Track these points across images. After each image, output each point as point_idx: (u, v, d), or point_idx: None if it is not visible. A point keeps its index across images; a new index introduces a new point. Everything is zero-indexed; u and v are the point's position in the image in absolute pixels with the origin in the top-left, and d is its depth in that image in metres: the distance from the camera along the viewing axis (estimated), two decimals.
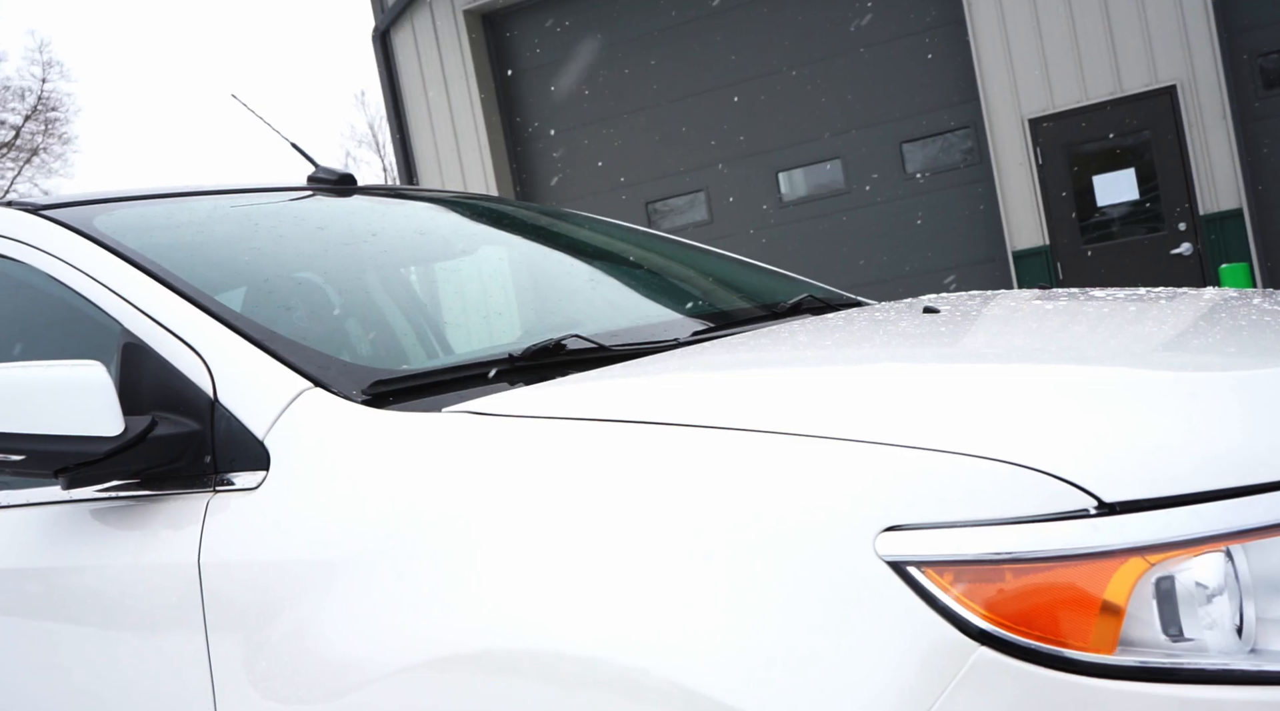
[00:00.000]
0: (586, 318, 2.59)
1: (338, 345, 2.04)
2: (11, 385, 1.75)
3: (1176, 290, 2.37)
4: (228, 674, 1.65)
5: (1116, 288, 2.61)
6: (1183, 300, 2.04)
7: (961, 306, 2.05)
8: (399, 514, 1.54)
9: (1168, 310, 1.88)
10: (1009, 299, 2.16)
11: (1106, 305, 1.96)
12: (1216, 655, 1.22)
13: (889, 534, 1.26)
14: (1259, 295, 2.04)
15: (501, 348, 2.02)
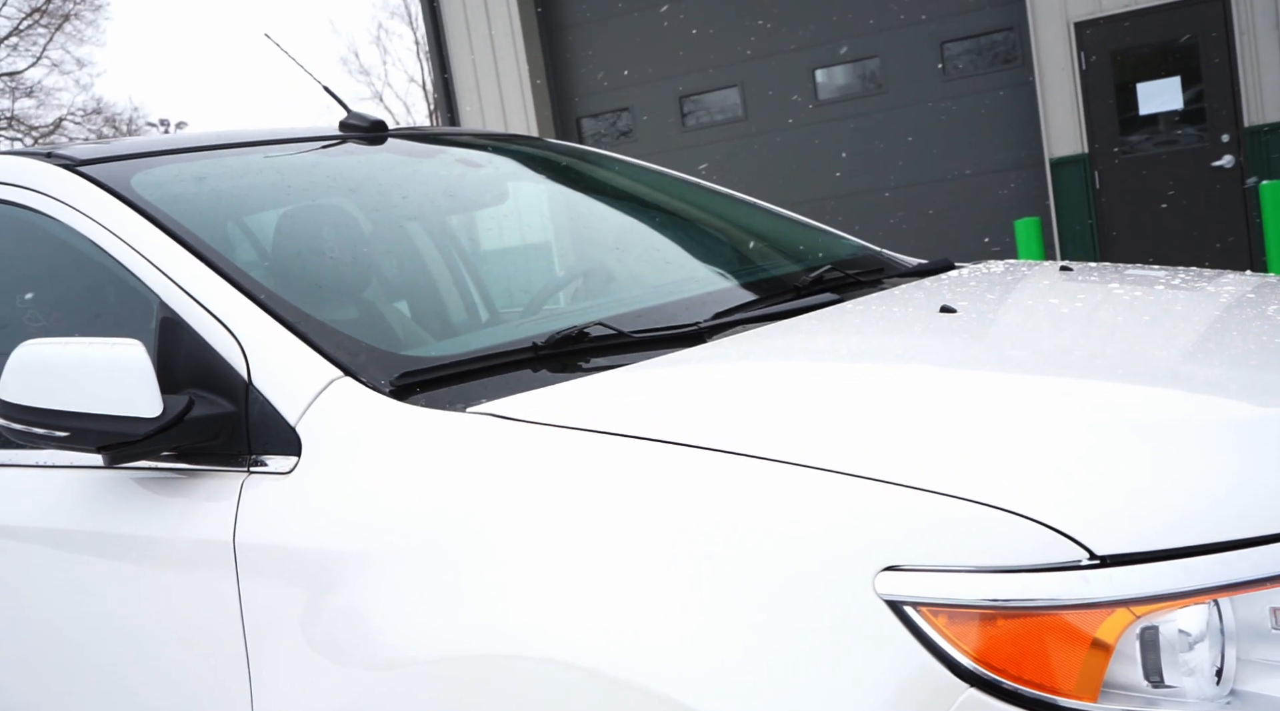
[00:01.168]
0: (619, 275, 2.64)
1: (371, 319, 2.10)
2: (55, 362, 1.82)
3: (1207, 278, 2.38)
4: (261, 649, 1.75)
5: (1144, 268, 2.62)
6: (1208, 300, 2.06)
7: (978, 304, 2.08)
8: (421, 514, 1.62)
9: (1188, 317, 1.91)
10: (1026, 294, 2.19)
11: (1124, 306, 1.99)
12: (1194, 702, 1.28)
13: (888, 573, 1.32)
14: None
15: (529, 320, 2.08)
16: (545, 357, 1.90)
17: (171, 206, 2.15)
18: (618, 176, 3.13)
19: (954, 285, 2.29)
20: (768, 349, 1.87)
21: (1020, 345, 1.83)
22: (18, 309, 2.37)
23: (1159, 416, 1.50)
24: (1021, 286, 2.24)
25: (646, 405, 1.65)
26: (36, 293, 2.33)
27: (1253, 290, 2.13)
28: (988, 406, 1.55)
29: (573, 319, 2.08)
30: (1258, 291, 2.12)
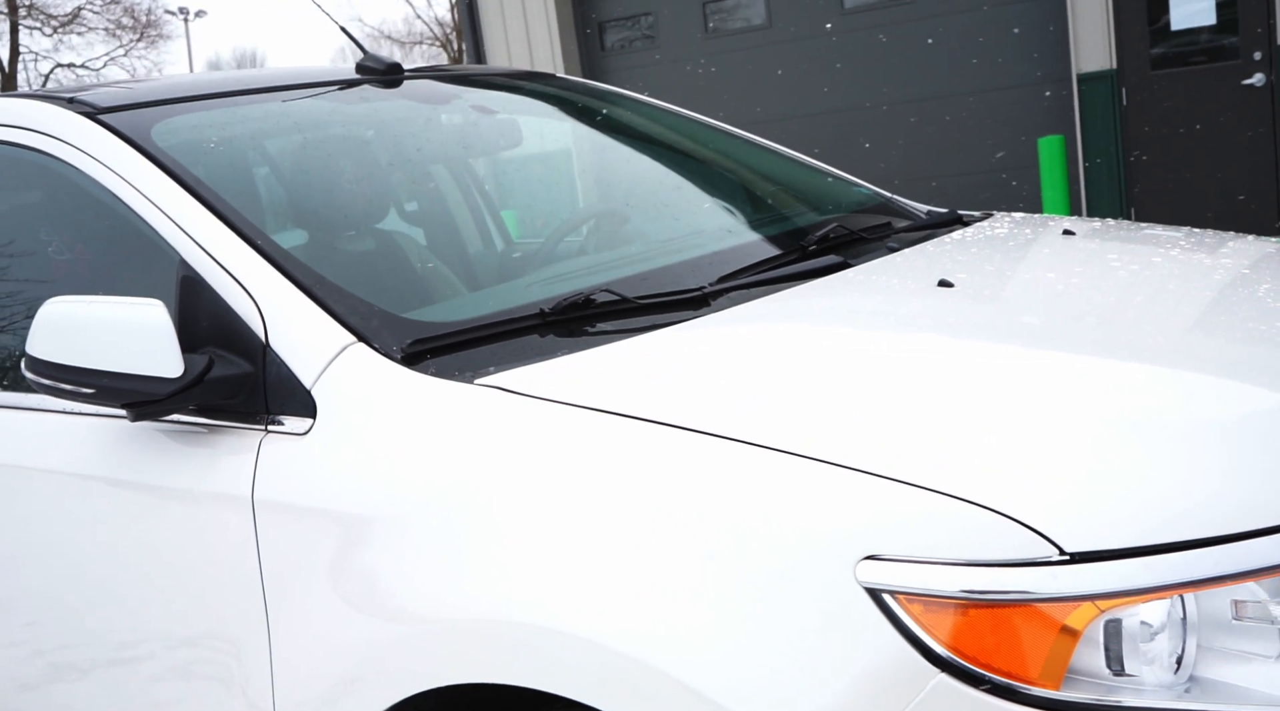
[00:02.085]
0: (630, 223, 2.68)
1: (385, 279, 2.16)
2: (81, 321, 1.89)
3: (1209, 246, 2.41)
4: (277, 595, 1.85)
5: (1148, 231, 2.65)
6: (1204, 277, 2.09)
7: (975, 277, 2.12)
8: (427, 483, 1.70)
9: (1179, 302, 1.95)
10: (1023, 266, 2.22)
11: (1118, 285, 2.03)
12: (1152, 689, 1.36)
13: (869, 562, 1.40)
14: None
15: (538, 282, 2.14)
16: (552, 323, 1.96)
17: (191, 160, 2.20)
18: (633, 117, 3.16)
19: (955, 251, 2.33)
20: (765, 328, 1.92)
21: (1010, 330, 1.88)
22: (39, 255, 2.43)
23: (1133, 417, 1.55)
24: (1020, 257, 2.28)
25: (642, 384, 1.71)
26: (56, 240, 2.39)
27: (1255, 263, 2.17)
28: (972, 399, 1.61)
29: (581, 280, 2.14)
30: (1258, 266, 2.16)
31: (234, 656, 1.90)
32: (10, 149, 2.39)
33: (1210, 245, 2.41)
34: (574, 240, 2.85)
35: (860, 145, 10.33)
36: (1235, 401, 1.61)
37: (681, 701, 1.44)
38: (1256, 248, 2.35)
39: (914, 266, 2.19)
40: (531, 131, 2.91)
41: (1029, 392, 1.62)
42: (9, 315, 2.43)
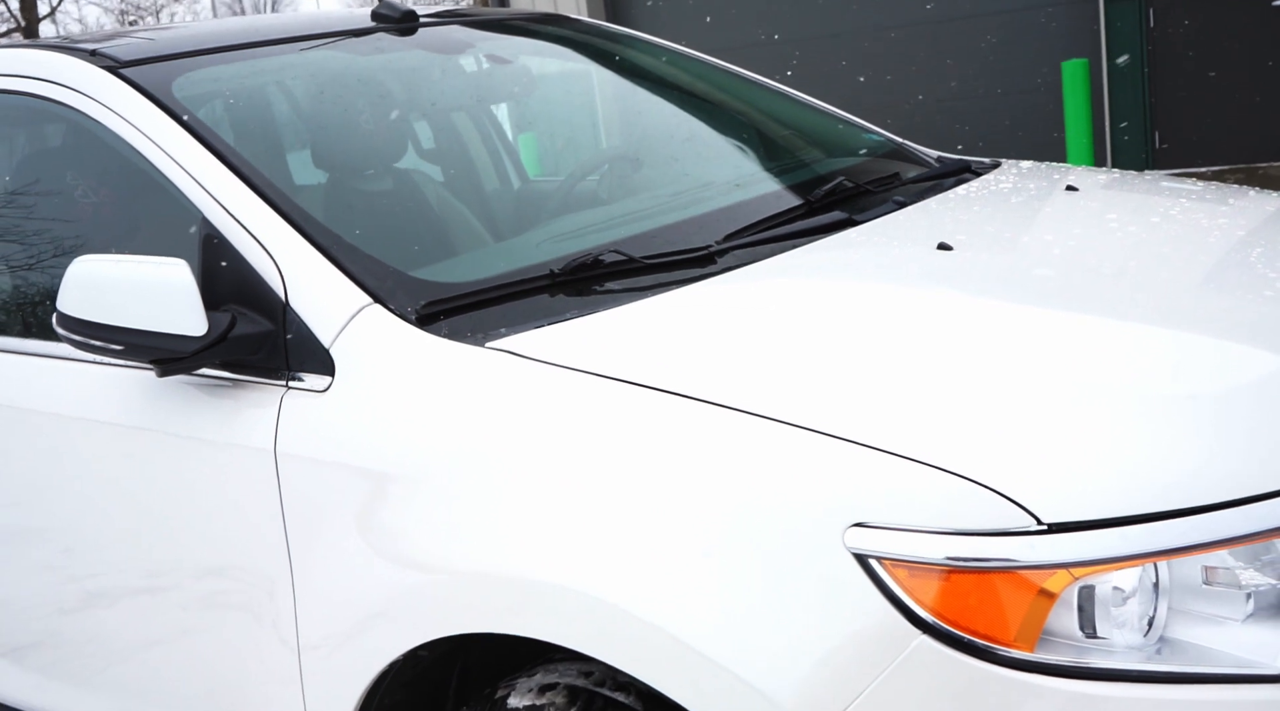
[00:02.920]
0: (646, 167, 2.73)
1: (400, 237, 2.22)
2: (108, 280, 1.97)
3: (1214, 201, 2.44)
4: (300, 540, 1.94)
5: (1155, 184, 2.67)
6: (1205, 238, 2.13)
7: (975, 239, 2.17)
8: (439, 443, 1.78)
9: (1175, 267, 2.00)
10: (1023, 227, 2.26)
11: (1116, 248, 2.08)
12: (1123, 651, 1.44)
13: (856, 529, 1.47)
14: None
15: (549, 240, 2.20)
16: (562, 284, 2.02)
17: (212, 116, 2.26)
18: (648, 60, 3.18)
19: (958, 209, 2.37)
20: (763, 295, 1.98)
21: (1002, 298, 1.93)
22: (63, 204, 2.50)
23: (1116, 388, 1.61)
24: (1020, 218, 2.32)
25: (643, 351, 1.79)
26: (78, 192, 2.46)
27: (1263, 221, 2.20)
28: (960, 368, 1.67)
29: (591, 237, 2.20)
30: (1266, 225, 2.19)
31: (260, 589, 2.00)
32: (33, 101, 2.45)
33: (1216, 202, 2.45)
34: (588, 184, 2.90)
35: (882, 68, 10.23)
36: (1216, 373, 1.67)
37: (673, 654, 1.53)
38: (1265, 204, 2.38)
39: (915, 226, 2.24)
40: (545, 77, 2.95)
41: (1016, 362, 1.68)
42: (38, 263, 2.51)
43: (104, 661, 2.41)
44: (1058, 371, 1.66)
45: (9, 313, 2.55)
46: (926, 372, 1.66)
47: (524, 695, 1.75)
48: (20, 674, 2.62)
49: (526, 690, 1.76)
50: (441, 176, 2.77)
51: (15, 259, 2.55)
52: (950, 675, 1.43)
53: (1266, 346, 1.74)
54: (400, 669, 1.87)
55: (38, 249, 2.50)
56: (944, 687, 1.43)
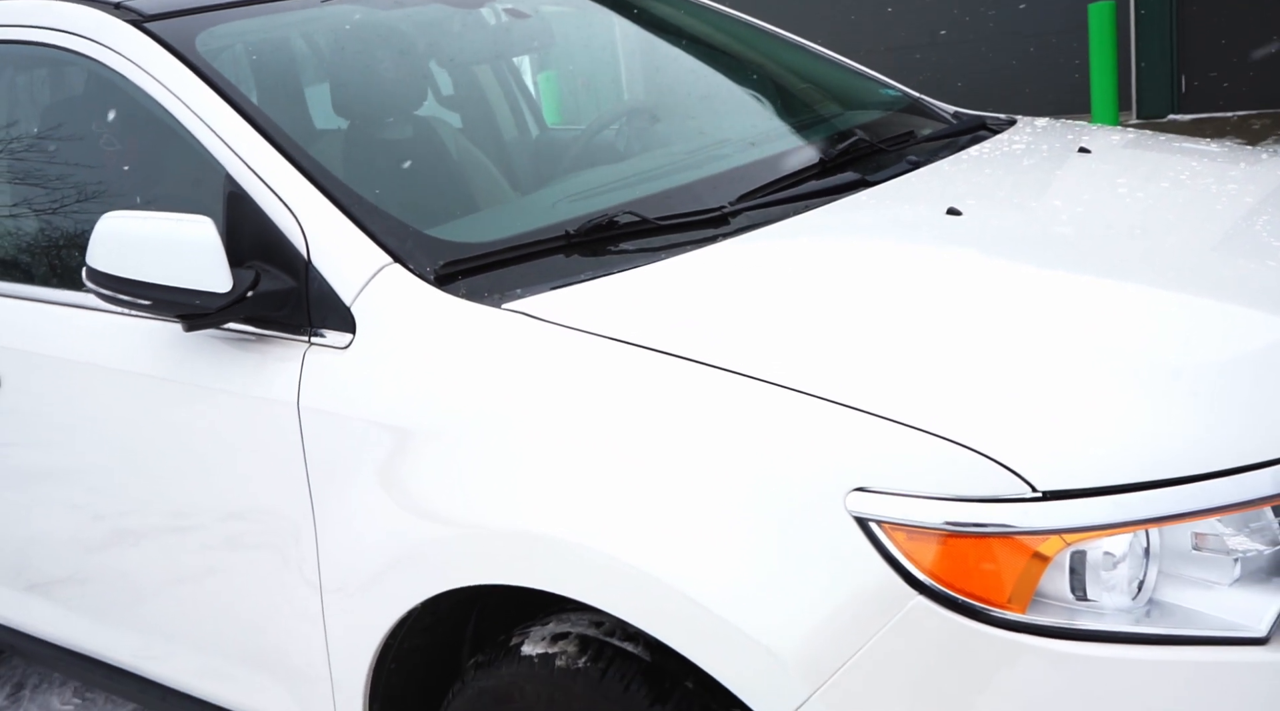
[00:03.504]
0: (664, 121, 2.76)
1: (420, 195, 2.26)
2: (136, 237, 2.03)
3: (1236, 166, 2.45)
4: (322, 490, 2.01)
5: (1167, 145, 2.68)
6: (1213, 206, 2.15)
7: (984, 203, 2.19)
8: (458, 401, 1.84)
9: (1181, 235, 2.03)
10: (1034, 192, 2.29)
11: (1123, 215, 2.11)
12: (1112, 614, 1.50)
13: (858, 493, 1.53)
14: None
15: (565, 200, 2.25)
16: (577, 244, 2.06)
17: (234, 72, 2.30)
18: (670, 13, 3.19)
19: (970, 172, 2.39)
20: (773, 260, 2.01)
21: (1007, 267, 1.97)
22: (87, 157, 2.55)
23: (1114, 358, 1.65)
24: (1030, 182, 2.34)
25: (655, 315, 1.83)
26: (102, 145, 2.51)
27: (1275, 190, 2.22)
28: (962, 336, 1.72)
29: (606, 196, 2.24)
30: (1277, 195, 2.21)
31: (283, 533, 2.08)
32: (57, 53, 2.49)
33: (1229, 165, 2.46)
34: (606, 135, 2.93)
35: (908, 5, 10.13)
36: (1214, 343, 1.71)
37: (679, 609, 1.59)
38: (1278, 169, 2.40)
39: (926, 189, 2.27)
40: (563, 27, 2.97)
41: (1018, 331, 1.73)
42: (64, 214, 2.57)
43: (131, 598, 2.50)
44: (1059, 340, 1.70)
45: (39, 261, 2.61)
46: (930, 340, 1.71)
47: (537, 643, 1.83)
48: (50, 608, 2.72)
49: (540, 638, 1.83)
50: (461, 129, 2.81)
51: (42, 209, 2.60)
52: (945, 634, 1.49)
53: (1266, 317, 1.78)
54: (419, 615, 1.94)
55: (64, 201, 2.55)
56: (939, 646, 1.49)
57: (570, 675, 1.77)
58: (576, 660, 1.77)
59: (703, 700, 1.67)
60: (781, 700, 1.55)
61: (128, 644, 2.58)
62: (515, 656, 1.84)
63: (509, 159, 2.95)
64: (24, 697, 3.48)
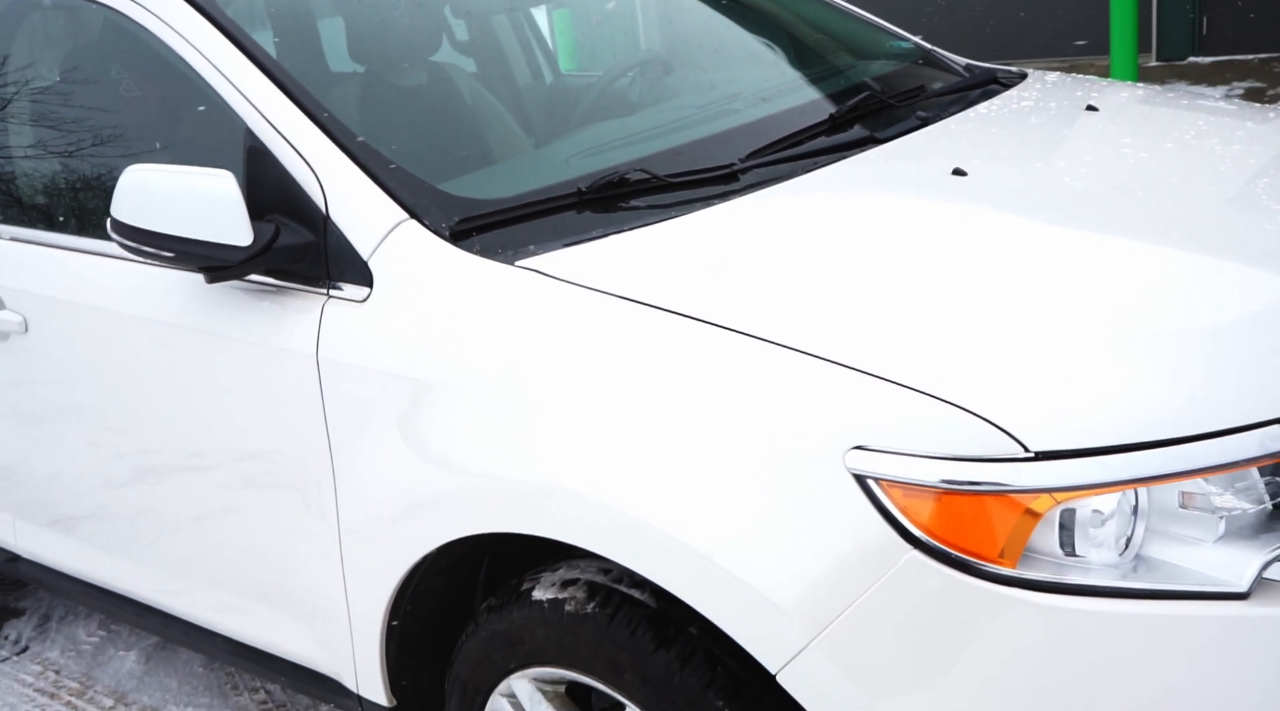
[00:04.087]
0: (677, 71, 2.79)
1: (436, 149, 2.30)
2: (159, 189, 2.08)
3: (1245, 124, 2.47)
4: (340, 439, 2.08)
5: (1176, 103, 2.70)
6: (1216, 168, 2.18)
7: (990, 164, 2.23)
8: (472, 356, 1.90)
9: (1183, 198, 2.06)
10: (1039, 151, 2.31)
11: (1126, 175, 2.14)
12: (1099, 570, 1.56)
13: (856, 452, 1.59)
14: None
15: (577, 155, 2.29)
16: (589, 201, 2.11)
17: (255, 27, 2.33)
18: None
19: (977, 130, 2.42)
20: (779, 220, 2.06)
21: (1010, 228, 2.01)
22: (108, 113, 2.59)
23: (1108, 322, 1.70)
24: (1036, 141, 2.37)
25: (664, 274, 1.88)
26: (123, 97, 2.55)
27: None
28: (962, 298, 1.76)
29: (619, 152, 2.28)
30: None
31: (301, 475, 2.15)
32: (80, 3, 2.52)
33: (1236, 125, 2.48)
34: (620, 84, 2.96)
35: None
36: (1208, 306, 1.75)
37: (685, 560, 1.66)
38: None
39: (934, 148, 2.30)
40: None
41: (1017, 293, 1.78)
42: (87, 164, 2.62)
43: (151, 535, 2.58)
44: (1055, 302, 1.75)
45: (66, 210, 2.66)
46: (931, 301, 1.75)
47: (547, 588, 1.90)
48: (73, 544, 2.80)
49: (550, 584, 1.90)
50: (476, 76, 2.84)
51: (69, 160, 2.65)
52: (938, 587, 1.55)
53: (1257, 282, 1.82)
54: (435, 559, 2.02)
55: (90, 151, 2.60)
56: (932, 598, 1.55)
57: (579, 619, 1.84)
58: (585, 605, 1.84)
59: (705, 645, 1.74)
60: (780, 647, 1.62)
61: (149, 579, 2.67)
62: (526, 601, 1.92)
63: (524, 108, 2.98)
64: (50, 629, 3.59)
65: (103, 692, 3.24)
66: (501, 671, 2.00)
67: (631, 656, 1.78)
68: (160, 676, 3.27)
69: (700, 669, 1.73)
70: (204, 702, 3.13)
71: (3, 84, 2.78)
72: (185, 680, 3.24)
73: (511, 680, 2.00)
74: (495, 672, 2.01)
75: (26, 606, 3.72)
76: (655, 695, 1.77)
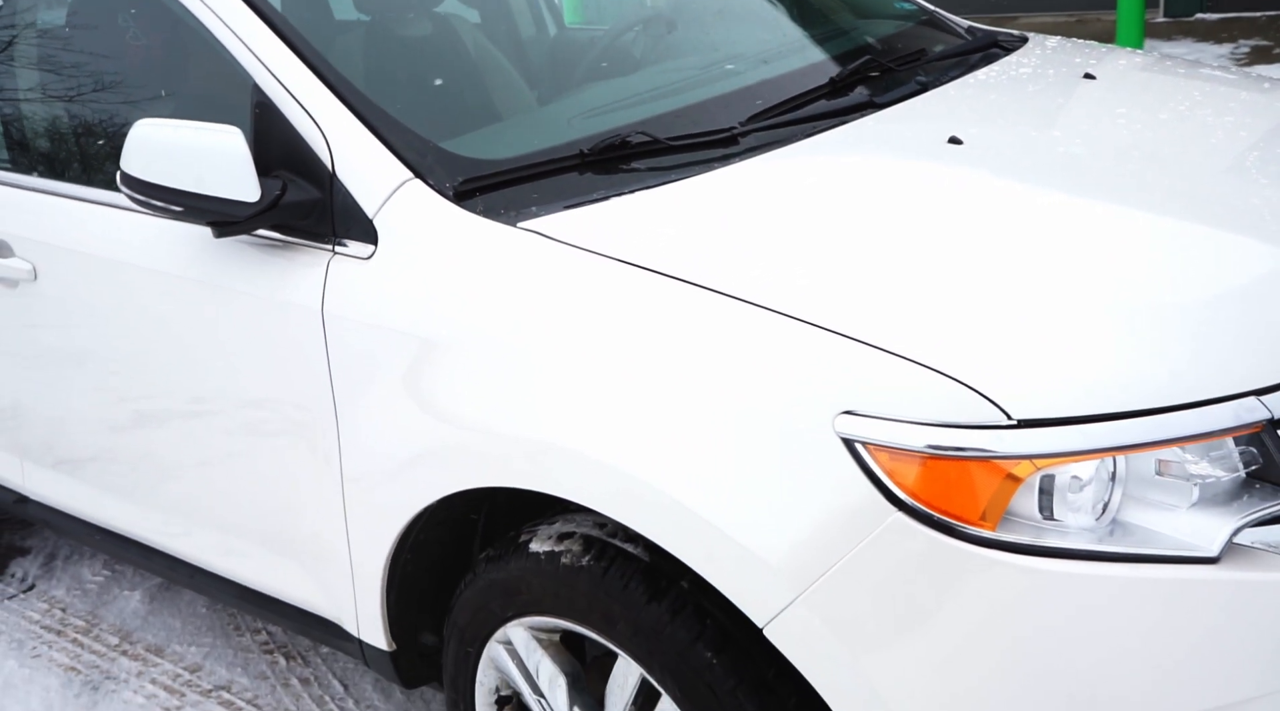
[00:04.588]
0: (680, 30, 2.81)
1: (441, 108, 2.33)
2: (168, 144, 2.12)
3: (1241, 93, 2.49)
4: (344, 392, 2.13)
5: (1174, 72, 2.72)
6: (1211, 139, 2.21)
7: (986, 132, 2.26)
8: (474, 315, 1.95)
9: (1176, 169, 2.10)
10: (1035, 119, 2.34)
11: (1122, 145, 2.17)
12: (1076, 533, 1.61)
13: (846, 416, 1.64)
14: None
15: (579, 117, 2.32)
16: (591, 163, 2.15)
17: None
18: None
19: (976, 97, 2.45)
20: (777, 186, 2.10)
21: (1001, 197, 2.05)
22: (116, 65, 2.62)
23: (1093, 293, 1.75)
24: (1034, 108, 2.40)
25: (662, 238, 1.93)
26: (132, 48, 2.57)
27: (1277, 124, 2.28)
28: (953, 267, 1.81)
29: (620, 114, 2.31)
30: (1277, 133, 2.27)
31: (306, 424, 2.21)
32: None
33: (1232, 94, 2.51)
34: (624, 40, 2.98)
35: None
36: (1190, 279, 1.80)
37: (678, 517, 1.72)
38: None
39: (932, 115, 2.34)
40: None
41: (1004, 263, 1.82)
42: (101, 115, 2.65)
43: (155, 478, 2.64)
44: (1042, 273, 1.79)
45: (75, 160, 2.70)
46: (922, 270, 1.80)
47: (544, 541, 1.96)
48: (78, 485, 2.87)
49: (546, 537, 1.96)
50: (482, 32, 2.86)
51: (76, 110, 2.68)
52: (921, 547, 1.61)
53: (1240, 256, 1.87)
54: (435, 510, 2.08)
55: (96, 102, 2.63)
56: (915, 558, 1.61)
57: (574, 572, 1.90)
58: (580, 558, 1.90)
59: (695, 599, 1.80)
60: (768, 602, 1.68)
61: (154, 523, 2.73)
62: (524, 552, 1.98)
63: (528, 63, 3.00)
64: (56, 568, 3.67)
65: (108, 631, 3.32)
66: (499, 620, 2.07)
67: (624, 608, 1.85)
68: (164, 616, 3.35)
69: (690, 621, 1.79)
70: (207, 642, 3.22)
71: (13, 32, 2.80)
72: (189, 620, 3.32)
73: (508, 628, 2.07)
74: (493, 621, 2.08)
75: (32, 545, 3.79)
76: (646, 645, 1.84)
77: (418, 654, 2.31)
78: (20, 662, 3.21)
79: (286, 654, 3.13)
